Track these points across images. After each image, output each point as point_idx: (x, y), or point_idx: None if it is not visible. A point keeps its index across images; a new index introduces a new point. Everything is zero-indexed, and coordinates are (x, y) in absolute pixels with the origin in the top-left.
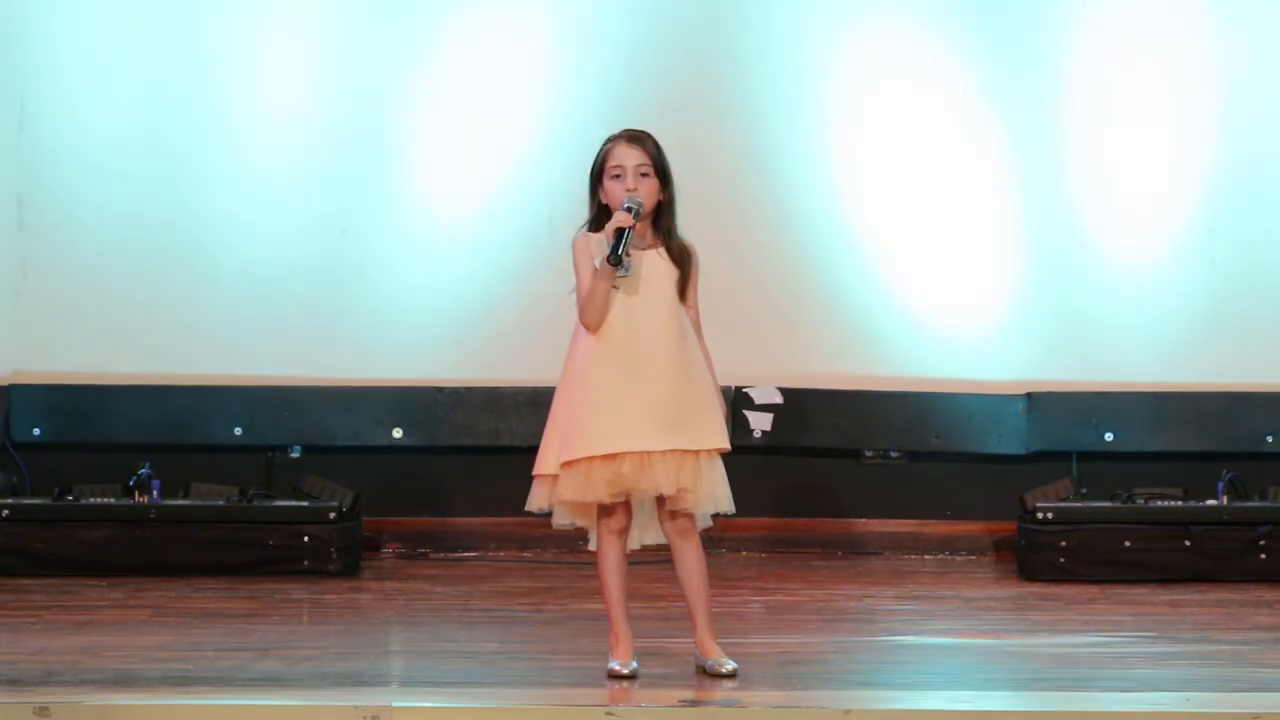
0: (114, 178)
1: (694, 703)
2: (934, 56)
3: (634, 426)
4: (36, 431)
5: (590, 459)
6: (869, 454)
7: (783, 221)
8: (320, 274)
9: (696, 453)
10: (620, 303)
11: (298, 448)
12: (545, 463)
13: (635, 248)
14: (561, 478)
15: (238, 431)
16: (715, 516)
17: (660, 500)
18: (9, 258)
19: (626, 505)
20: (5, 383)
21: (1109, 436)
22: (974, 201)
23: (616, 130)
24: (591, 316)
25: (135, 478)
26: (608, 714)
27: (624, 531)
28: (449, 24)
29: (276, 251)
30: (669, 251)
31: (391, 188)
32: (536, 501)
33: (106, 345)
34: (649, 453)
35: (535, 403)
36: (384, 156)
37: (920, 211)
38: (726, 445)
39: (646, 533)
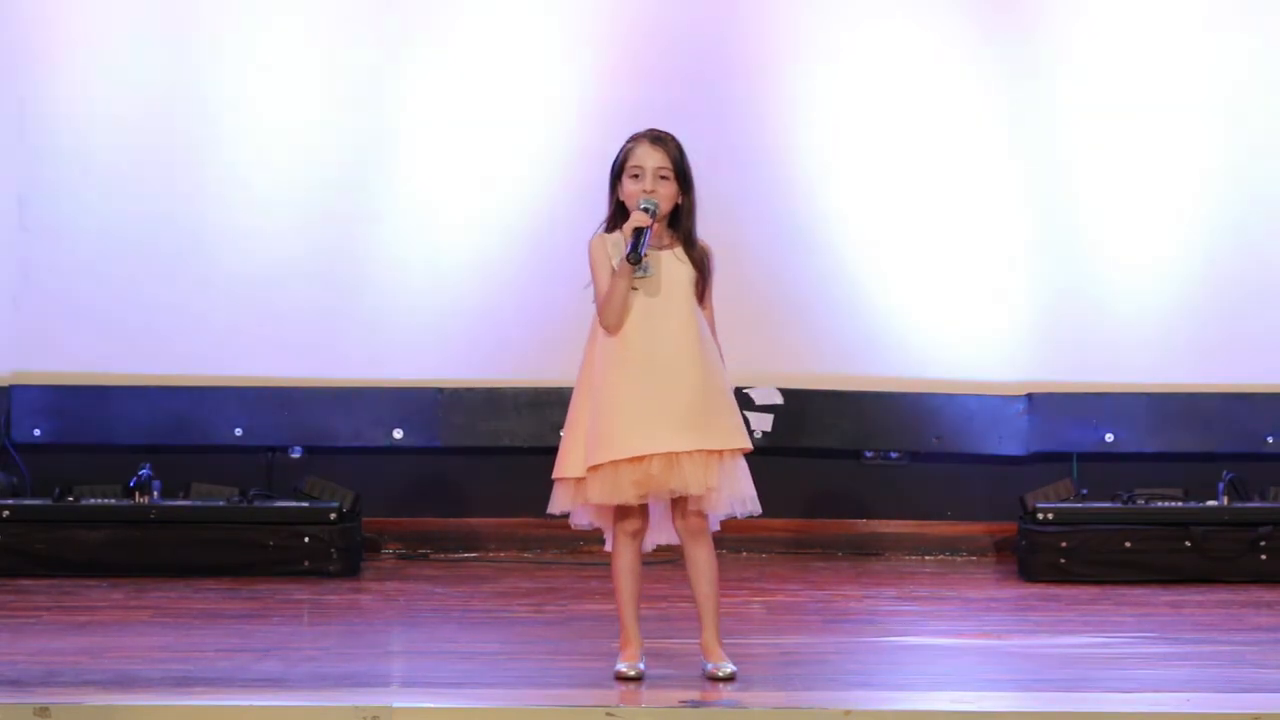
0: (115, 178)
1: (695, 703)
2: (933, 56)
3: (659, 428)
4: (36, 432)
5: (617, 462)
6: (869, 455)
7: (782, 222)
8: (320, 274)
9: (720, 453)
10: (639, 304)
11: (298, 448)
12: (566, 465)
13: (652, 248)
14: (589, 481)
15: (238, 432)
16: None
17: (675, 501)
18: (9, 258)
19: (644, 508)
20: (5, 383)
21: (1109, 437)
22: (974, 202)
23: (640, 129)
24: (611, 317)
25: (136, 478)
26: (608, 714)
27: (639, 534)
28: (449, 23)
29: (277, 251)
30: (687, 253)
31: (392, 188)
32: (559, 505)
33: (106, 345)
34: (676, 453)
35: (535, 403)
36: (384, 156)
37: (920, 212)
38: (749, 445)
39: (660, 534)
